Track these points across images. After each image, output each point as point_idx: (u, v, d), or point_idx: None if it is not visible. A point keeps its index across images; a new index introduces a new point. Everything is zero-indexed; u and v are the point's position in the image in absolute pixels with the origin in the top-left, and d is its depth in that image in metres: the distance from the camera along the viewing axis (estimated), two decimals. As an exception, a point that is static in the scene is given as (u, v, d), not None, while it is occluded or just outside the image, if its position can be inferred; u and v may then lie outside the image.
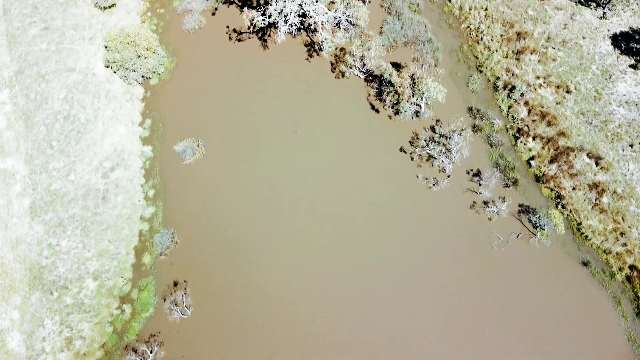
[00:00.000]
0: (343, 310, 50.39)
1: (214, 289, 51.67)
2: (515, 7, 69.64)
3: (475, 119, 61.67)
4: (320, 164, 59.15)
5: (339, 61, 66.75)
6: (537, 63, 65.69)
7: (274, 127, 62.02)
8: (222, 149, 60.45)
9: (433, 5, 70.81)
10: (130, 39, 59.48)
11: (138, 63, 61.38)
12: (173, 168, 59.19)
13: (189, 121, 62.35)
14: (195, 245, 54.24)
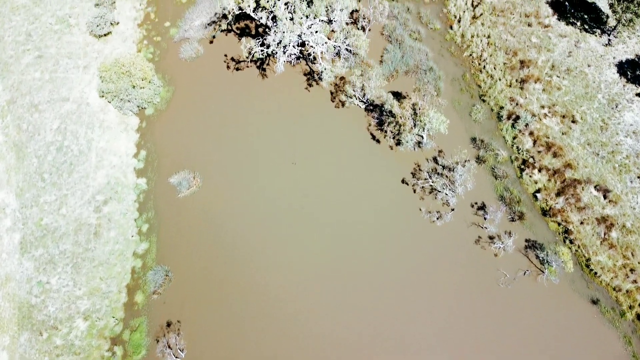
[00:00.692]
0: (345, 350, 49.35)
1: (208, 330, 50.73)
2: (519, 34, 69.83)
3: (479, 149, 61.31)
4: (320, 196, 58.70)
5: (339, 90, 66.71)
6: (542, 92, 65.61)
7: (273, 158, 61.70)
8: (218, 181, 60.01)
9: (434, 33, 71.03)
10: (125, 69, 59.46)
11: (133, 93, 61.29)
12: (168, 201, 58.66)
13: (185, 152, 62.03)
14: (190, 283, 53.43)
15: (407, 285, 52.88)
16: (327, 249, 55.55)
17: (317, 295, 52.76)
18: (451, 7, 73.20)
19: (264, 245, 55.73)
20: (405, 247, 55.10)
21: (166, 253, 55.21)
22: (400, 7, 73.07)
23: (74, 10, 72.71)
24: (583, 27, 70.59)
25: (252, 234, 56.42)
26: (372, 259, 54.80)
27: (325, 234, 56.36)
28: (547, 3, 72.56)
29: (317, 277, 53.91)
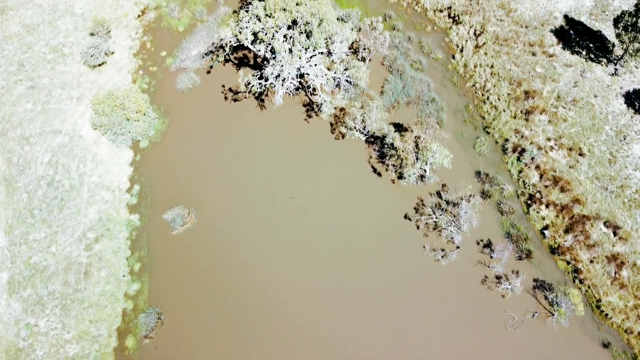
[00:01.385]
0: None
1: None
2: (523, 64, 69.52)
3: (484, 184, 60.48)
4: (320, 232, 57.82)
5: (339, 122, 66.16)
6: (548, 124, 65.02)
7: (271, 191, 60.91)
8: (214, 217, 59.07)
9: (436, 63, 70.74)
10: (119, 101, 58.97)
11: (127, 127, 60.74)
12: (161, 239, 57.64)
13: (179, 186, 61.22)
14: (184, 326, 52.11)
15: (410, 327, 51.58)
16: (327, 288, 54.34)
17: (317, 339, 51.36)
18: (453, 36, 73.03)
19: (262, 286, 54.53)
20: (408, 287, 53.93)
21: (159, 294, 53.96)
22: (401, 36, 72.92)
23: (68, 39, 72.53)
24: (589, 56, 70.31)
25: (249, 274, 55.27)
26: (374, 300, 53.57)
27: (326, 273, 55.21)
28: (551, 32, 72.39)
29: (317, 318, 52.59)
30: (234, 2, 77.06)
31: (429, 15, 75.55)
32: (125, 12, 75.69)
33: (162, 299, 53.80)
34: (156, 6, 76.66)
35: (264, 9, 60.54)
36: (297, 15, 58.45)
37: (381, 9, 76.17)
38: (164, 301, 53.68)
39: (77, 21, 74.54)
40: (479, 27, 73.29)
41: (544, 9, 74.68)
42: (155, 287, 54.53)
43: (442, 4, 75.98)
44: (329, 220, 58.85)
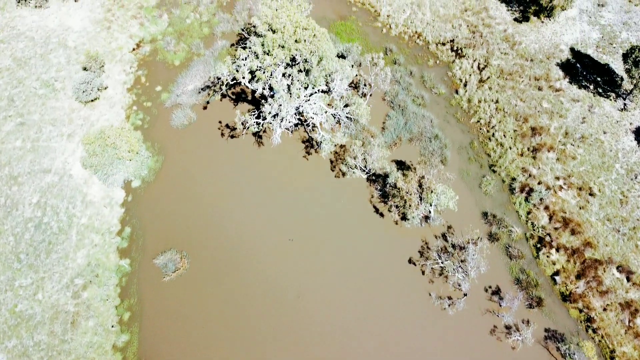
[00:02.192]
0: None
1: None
2: (528, 99, 68.51)
3: (491, 225, 58.91)
4: (319, 276, 56.21)
5: (339, 159, 64.84)
6: (556, 162, 63.74)
7: (268, 233, 59.39)
8: (207, 262, 57.38)
9: (439, 98, 69.75)
10: (110, 140, 57.76)
11: (119, 167, 59.25)
12: (152, 285, 55.80)
13: (172, 228, 59.65)
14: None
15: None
16: (327, 338, 52.31)
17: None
18: (456, 71, 72.20)
19: (257, 338, 52.45)
20: (413, 338, 51.98)
21: (149, 346, 51.96)
22: (403, 70, 72.08)
23: (60, 73, 71.64)
24: (596, 90, 69.40)
25: (244, 325, 53.24)
26: (376, 352, 51.46)
27: (325, 322, 53.22)
28: (557, 65, 71.58)
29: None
30: (232, 36, 76.45)
31: (431, 49, 74.85)
32: (120, 45, 74.98)
33: (153, 352, 51.77)
34: (151, 39, 75.99)
35: (261, 46, 59.67)
36: (296, 53, 57.50)
37: (382, 42, 75.50)
38: (154, 354, 51.64)
39: (70, 54, 73.72)
40: (482, 60, 72.51)
41: (550, 41, 74.01)
42: (145, 338, 52.51)
43: (445, 37, 75.34)
44: (328, 265, 57.15)
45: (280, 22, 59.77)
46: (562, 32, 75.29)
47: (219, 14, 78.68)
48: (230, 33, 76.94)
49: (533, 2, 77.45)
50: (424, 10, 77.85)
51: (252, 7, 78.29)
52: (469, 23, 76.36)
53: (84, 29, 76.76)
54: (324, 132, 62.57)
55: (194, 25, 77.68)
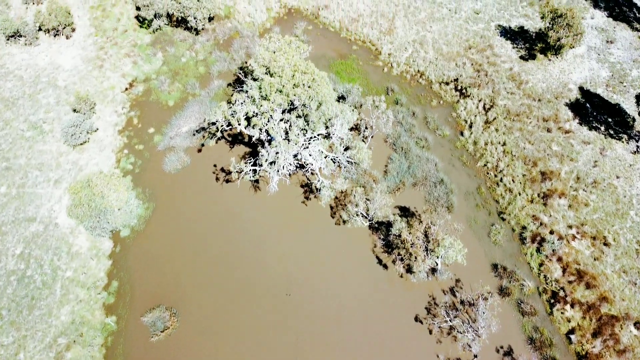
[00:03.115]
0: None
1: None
2: (537, 141, 66.48)
3: (502, 279, 56.29)
4: (318, 336, 53.38)
5: (340, 205, 62.46)
6: (568, 209, 61.39)
7: (263, 287, 56.80)
8: (199, 320, 54.57)
9: (443, 140, 67.74)
10: (97, 189, 55.41)
11: (106, 217, 56.78)
12: (140, 346, 52.99)
13: (162, 282, 57.03)
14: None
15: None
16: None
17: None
18: (461, 111, 70.37)
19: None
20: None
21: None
22: (405, 111, 70.25)
23: (48, 115, 69.77)
24: (608, 132, 67.44)
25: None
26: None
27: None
28: (566, 105, 69.81)
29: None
30: (229, 75, 74.85)
31: (434, 88, 73.16)
32: (112, 84, 73.29)
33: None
34: (145, 78, 74.34)
35: (259, 90, 57.85)
36: (295, 98, 55.63)
37: (383, 82, 73.87)
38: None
39: (59, 95, 71.99)
40: (488, 100, 70.75)
41: (557, 80, 72.38)
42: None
43: (448, 76, 73.73)
44: (327, 322, 54.33)
45: (278, 65, 58.14)
46: (571, 70, 73.75)
47: (216, 52, 77.25)
48: (227, 72, 75.36)
49: (539, 40, 76.17)
50: (427, 49, 76.43)
51: (250, 45, 76.96)
52: (474, 61, 74.84)
53: (75, 68, 75.17)
54: (324, 177, 60.32)
55: (189, 64, 76.15)
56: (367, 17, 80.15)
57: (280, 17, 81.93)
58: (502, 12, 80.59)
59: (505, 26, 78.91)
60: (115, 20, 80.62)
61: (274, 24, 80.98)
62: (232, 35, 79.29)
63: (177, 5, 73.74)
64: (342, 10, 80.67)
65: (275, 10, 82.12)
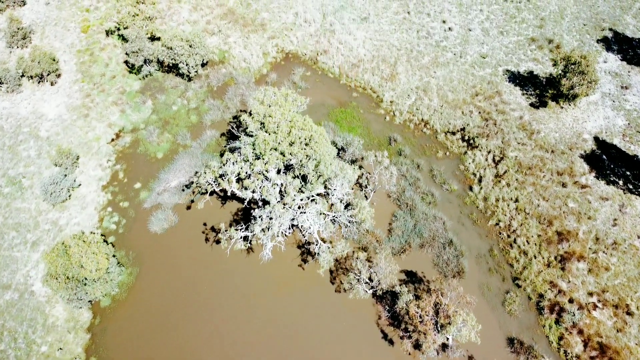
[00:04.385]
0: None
1: None
2: (552, 197, 62.91)
3: (519, 355, 52.20)
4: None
5: (341, 268, 58.54)
6: (588, 273, 57.61)
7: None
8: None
9: (451, 195, 64.18)
10: (75, 258, 51.38)
11: (84, 289, 52.76)
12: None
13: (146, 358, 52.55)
14: None
15: None
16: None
17: None
18: (469, 164, 66.99)
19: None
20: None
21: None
22: (409, 163, 66.90)
23: (29, 169, 66.33)
24: (626, 186, 64.00)
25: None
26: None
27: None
28: (581, 157, 66.51)
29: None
30: (222, 125, 71.70)
31: (439, 139, 69.94)
32: (97, 135, 70.07)
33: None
34: (133, 128, 71.16)
35: (252, 147, 54.50)
36: (291, 158, 52.23)
37: (385, 131, 70.71)
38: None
39: (41, 146, 68.68)
40: (498, 152, 67.45)
41: (571, 130, 69.22)
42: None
43: (454, 125, 70.61)
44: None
45: (273, 120, 54.92)
46: (584, 118, 70.67)
47: (209, 100, 74.25)
48: (220, 122, 72.22)
49: (550, 85, 73.30)
50: (431, 96, 73.47)
51: (245, 92, 74.05)
52: (481, 109, 71.81)
53: (59, 117, 72.05)
54: (322, 241, 56.51)
55: (180, 113, 73.06)
56: (367, 62, 77.42)
57: (277, 62, 79.21)
58: (509, 55, 77.92)
59: (514, 71, 76.14)
60: (103, 66, 77.85)
61: (271, 69, 78.20)
62: (226, 81, 76.42)
63: (168, 52, 70.96)
64: (341, 55, 78.02)
65: (272, 55, 79.45)
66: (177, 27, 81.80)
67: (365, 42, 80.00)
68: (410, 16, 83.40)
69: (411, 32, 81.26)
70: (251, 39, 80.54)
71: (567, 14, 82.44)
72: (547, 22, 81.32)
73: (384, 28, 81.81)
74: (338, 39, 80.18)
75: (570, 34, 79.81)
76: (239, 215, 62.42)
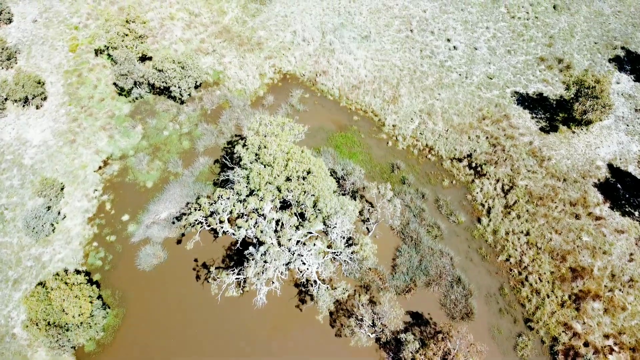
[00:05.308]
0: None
1: None
2: (565, 231, 59.95)
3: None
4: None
5: (341, 309, 55.46)
6: (603, 314, 54.68)
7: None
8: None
9: (458, 227, 61.22)
10: (56, 303, 48.34)
11: (66, 335, 49.66)
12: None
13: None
14: None
15: None
16: None
17: None
18: (477, 193, 64.12)
19: None
20: None
21: None
22: (413, 193, 64.03)
23: (11, 200, 63.49)
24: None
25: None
26: None
27: None
28: (595, 186, 63.65)
29: None
30: (216, 151, 68.81)
31: (445, 166, 67.04)
32: (84, 162, 67.15)
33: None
34: (121, 155, 68.26)
35: (246, 181, 51.55)
36: (287, 194, 49.27)
37: (388, 157, 67.80)
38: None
39: (25, 175, 65.77)
40: (507, 180, 64.56)
41: (583, 156, 66.34)
42: None
43: (461, 151, 67.73)
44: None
45: (269, 152, 51.99)
46: (597, 144, 67.83)
47: (202, 124, 71.38)
48: (214, 147, 69.30)
49: (561, 108, 70.51)
50: (435, 120, 70.61)
51: (240, 116, 71.21)
52: (489, 134, 68.93)
53: (45, 143, 69.16)
54: (321, 281, 53.49)
55: (172, 138, 70.16)
56: (368, 83, 74.61)
57: (275, 83, 76.40)
58: (518, 76, 75.14)
59: (522, 93, 73.35)
60: (91, 87, 75.06)
61: (268, 91, 75.39)
62: (221, 104, 73.60)
63: (159, 75, 68.11)
64: (341, 76, 75.23)
65: (269, 75, 76.66)
66: (170, 47, 79.08)
67: (366, 62, 77.23)
68: (413, 34, 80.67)
69: (414, 51, 78.50)
70: (247, 59, 77.77)
71: (577, 31, 79.74)
72: (556, 40, 78.58)
73: (385, 47, 79.06)
74: (338, 59, 77.41)
75: (580, 52, 77.06)
76: (233, 250, 59.39)
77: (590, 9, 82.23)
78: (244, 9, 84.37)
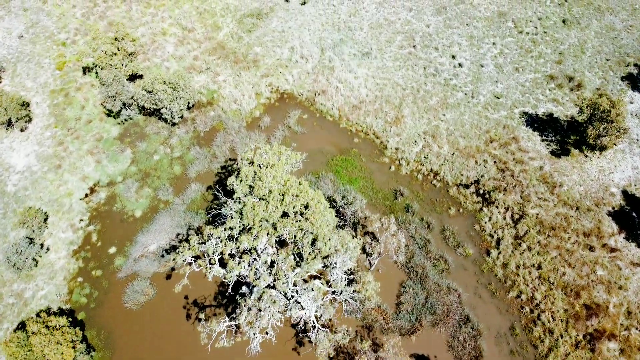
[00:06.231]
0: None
1: None
2: (579, 264, 56.85)
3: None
4: None
5: (342, 352, 52.29)
6: (619, 355, 51.50)
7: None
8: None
9: (466, 261, 58.14)
10: (38, 349, 45.23)
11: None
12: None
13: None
14: None
15: None
16: None
17: None
18: (485, 223, 61.03)
19: None
20: None
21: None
22: (418, 222, 60.91)
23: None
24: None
25: None
26: None
27: None
28: (609, 215, 60.54)
29: None
30: (209, 176, 65.75)
31: (451, 192, 63.95)
32: (69, 190, 64.04)
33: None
34: (109, 182, 65.18)
35: (239, 216, 48.41)
36: (283, 232, 46.15)
37: (390, 183, 64.72)
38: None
39: (7, 204, 62.73)
40: (517, 209, 61.46)
41: (597, 182, 63.25)
42: None
43: (467, 176, 64.65)
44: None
45: (264, 185, 48.86)
46: (611, 169, 64.74)
47: (195, 148, 68.26)
48: (206, 173, 66.20)
49: (572, 130, 67.42)
50: (440, 142, 67.51)
51: (235, 139, 68.10)
52: (497, 158, 65.84)
53: (29, 169, 66.06)
54: (320, 325, 50.32)
55: (162, 163, 67.04)
56: (370, 103, 71.53)
57: (271, 103, 73.35)
58: (526, 95, 72.05)
59: (532, 113, 70.26)
60: (79, 108, 71.98)
61: (264, 112, 72.30)
62: (215, 125, 70.51)
63: (149, 96, 65.01)
64: (341, 96, 72.15)
65: (265, 95, 73.59)
66: (161, 64, 76.01)
67: (367, 81, 74.16)
68: (417, 51, 77.62)
69: (417, 69, 75.44)
70: (243, 77, 74.70)
71: (588, 47, 76.68)
72: (566, 57, 75.52)
73: (387, 64, 76.00)
74: (337, 77, 74.33)
75: (592, 70, 74.00)
76: (225, 286, 56.17)
77: (601, 23, 79.16)
78: (239, 24, 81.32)
